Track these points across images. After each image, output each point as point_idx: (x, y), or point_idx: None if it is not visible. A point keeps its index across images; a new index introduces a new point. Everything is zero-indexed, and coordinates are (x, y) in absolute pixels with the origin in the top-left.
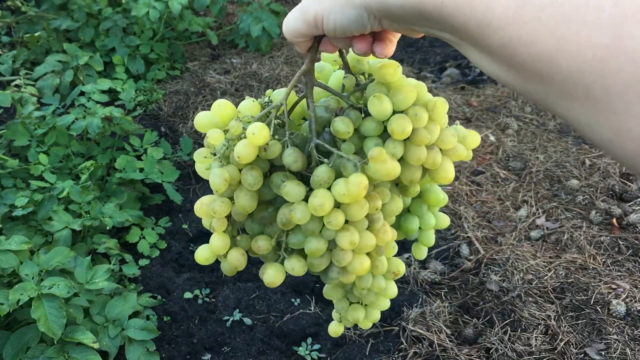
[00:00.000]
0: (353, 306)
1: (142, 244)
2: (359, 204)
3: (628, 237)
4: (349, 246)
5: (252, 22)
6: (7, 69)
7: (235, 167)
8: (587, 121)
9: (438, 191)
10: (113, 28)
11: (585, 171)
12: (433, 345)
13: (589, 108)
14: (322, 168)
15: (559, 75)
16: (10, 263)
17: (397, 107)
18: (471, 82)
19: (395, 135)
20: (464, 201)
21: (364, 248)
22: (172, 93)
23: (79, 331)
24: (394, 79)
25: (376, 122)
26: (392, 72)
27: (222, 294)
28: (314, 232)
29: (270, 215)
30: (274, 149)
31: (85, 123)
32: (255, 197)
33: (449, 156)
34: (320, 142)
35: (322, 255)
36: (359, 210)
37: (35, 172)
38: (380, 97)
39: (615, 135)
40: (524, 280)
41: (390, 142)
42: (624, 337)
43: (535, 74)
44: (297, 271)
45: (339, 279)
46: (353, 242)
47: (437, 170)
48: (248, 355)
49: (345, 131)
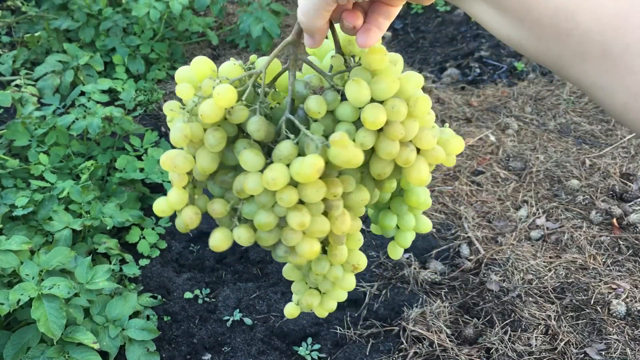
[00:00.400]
0: (310, 291)
1: (142, 244)
2: (314, 186)
3: (628, 237)
4: (298, 227)
5: (253, 23)
6: (7, 69)
7: (200, 126)
8: (602, 83)
9: (420, 193)
10: (113, 28)
11: (586, 171)
12: (433, 345)
13: (605, 68)
14: (285, 143)
15: (577, 31)
16: (11, 263)
17: (376, 95)
18: (471, 82)
19: (367, 125)
20: (464, 201)
21: (315, 232)
22: (172, 93)
23: (79, 331)
24: (380, 66)
25: (352, 107)
26: (378, 59)
27: (223, 293)
28: (266, 205)
29: (230, 180)
30: (239, 114)
31: (85, 123)
32: (216, 159)
33: (426, 157)
34: (292, 117)
35: (270, 231)
36: (314, 193)
37: (35, 172)
38: (359, 82)
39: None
40: (524, 280)
41: (362, 130)
42: (624, 337)
43: (552, 31)
44: (242, 240)
45: (287, 258)
46: (303, 223)
47: (409, 169)
48: (248, 355)
49: (316, 110)
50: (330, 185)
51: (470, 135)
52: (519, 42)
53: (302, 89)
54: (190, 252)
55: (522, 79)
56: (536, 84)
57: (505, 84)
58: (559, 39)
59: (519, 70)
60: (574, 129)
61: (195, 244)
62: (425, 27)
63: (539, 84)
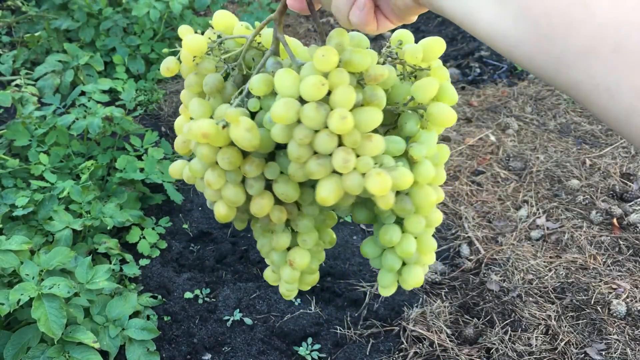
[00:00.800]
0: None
1: (142, 244)
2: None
3: (628, 237)
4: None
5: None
6: (7, 69)
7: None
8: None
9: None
10: (113, 28)
11: (586, 171)
12: (433, 345)
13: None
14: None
15: (590, 24)
16: (11, 263)
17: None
18: (471, 82)
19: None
20: (465, 201)
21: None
22: (172, 93)
23: (79, 331)
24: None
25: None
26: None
27: (223, 293)
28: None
29: None
30: (204, 65)
31: (85, 123)
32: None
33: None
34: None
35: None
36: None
37: (35, 172)
38: (288, 72)
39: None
40: (525, 280)
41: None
42: (625, 337)
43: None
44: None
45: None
46: (208, 182)
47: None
48: (248, 355)
49: (252, 87)
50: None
51: (471, 135)
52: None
53: (270, 66)
54: (191, 252)
55: (523, 79)
56: (536, 84)
57: (505, 84)
58: (568, 32)
59: (519, 70)
60: (574, 128)
61: (195, 244)
62: (426, 27)
63: (539, 84)
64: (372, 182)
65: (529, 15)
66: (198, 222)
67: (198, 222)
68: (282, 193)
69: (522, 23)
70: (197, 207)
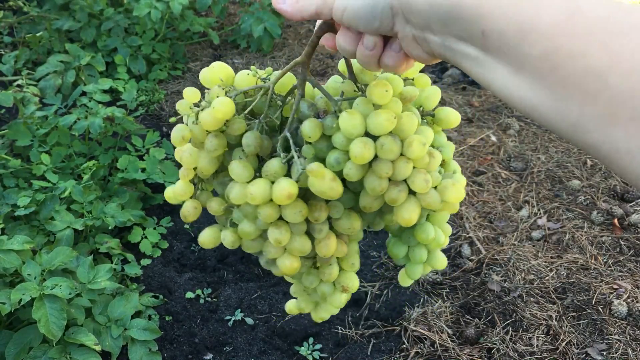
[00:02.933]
0: (305, 297)
1: (144, 244)
2: (294, 207)
3: (629, 238)
4: (275, 243)
5: (254, 23)
6: (9, 69)
7: (202, 129)
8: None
9: (428, 230)
10: (115, 28)
11: (587, 171)
12: (435, 345)
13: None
14: (274, 161)
15: (606, 93)
16: (13, 263)
17: (370, 130)
18: (472, 83)
19: (352, 158)
20: (466, 201)
21: (294, 250)
22: (173, 93)
23: (81, 332)
24: (382, 101)
25: (346, 137)
26: (379, 94)
27: (224, 293)
28: (248, 215)
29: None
30: (235, 127)
31: (87, 123)
32: (214, 162)
33: (419, 199)
34: (289, 135)
35: (253, 240)
36: (293, 214)
37: (37, 172)
38: (352, 114)
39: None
40: (526, 281)
41: (350, 161)
42: (626, 337)
43: (577, 91)
44: (227, 242)
45: (270, 268)
46: (279, 240)
47: (398, 208)
48: (250, 355)
49: (307, 134)
50: (313, 209)
51: (472, 135)
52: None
53: (305, 109)
54: (192, 252)
55: None
56: None
57: None
58: (584, 100)
59: None
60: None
61: (196, 244)
62: None
63: None
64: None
65: (544, 83)
66: (199, 222)
67: (199, 222)
68: (348, 228)
69: (538, 91)
70: None
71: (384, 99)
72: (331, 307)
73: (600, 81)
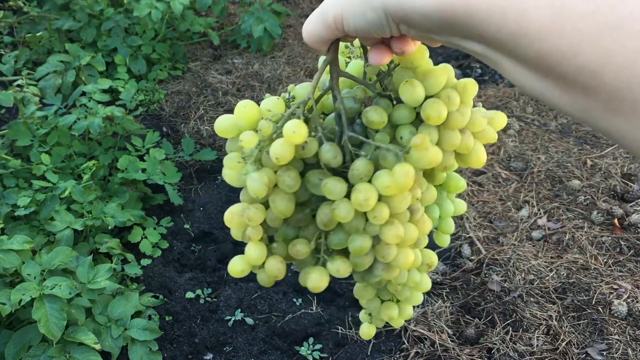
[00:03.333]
0: (386, 304)
1: (144, 244)
2: (402, 195)
3: (630, 238)
4: (395, 240)
5: (254, 23)
6: (9, 69)
7: (270, 170)
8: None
9: (457, 177)
10: (115, 28)
11: (587, 171)
12: (435, 345)
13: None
14: (360, 161)
15: (604, 89)
16: (13, 263)
17: (429, 91)
18: None
19: (431, 121)
20: (466, 201)
21: (408, 241)
22: (173, 93)
23: (80, 332)
24: (422, 62)
25: (409, 109)
26: (419, 55)
27: (224, 293)
28: (358, 229)
29: (306, 217)
30: (311, 147)
31: (87, 123)
32: (292, 199)
33: (479, 139)
34: (354, 134)
35: (366, 253)
36: (402, 202)
37: (37, 172)
38: (412, 82)
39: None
40: (526, 281)
41: (424, 128)
42: (626, 337)
43: (577, 87)
44: (342, 272)
45: (382, 276)
46: (399, 235)
47: (469, 154)
48: (250, 355)
49: (379, 121)
50: (412, 189)
51: None
52: (545, 94)
53: (352, 104)
54: (192, 252)
55: None
56: None
57: (506, 84)
58: (585, 94)
59: None
60: (575, 129)
61: (196, 244)
62: None
63: None
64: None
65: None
66: (199, 222)
67: (199, 222)
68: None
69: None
70: (199, 207)
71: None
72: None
73: (597, 78)
